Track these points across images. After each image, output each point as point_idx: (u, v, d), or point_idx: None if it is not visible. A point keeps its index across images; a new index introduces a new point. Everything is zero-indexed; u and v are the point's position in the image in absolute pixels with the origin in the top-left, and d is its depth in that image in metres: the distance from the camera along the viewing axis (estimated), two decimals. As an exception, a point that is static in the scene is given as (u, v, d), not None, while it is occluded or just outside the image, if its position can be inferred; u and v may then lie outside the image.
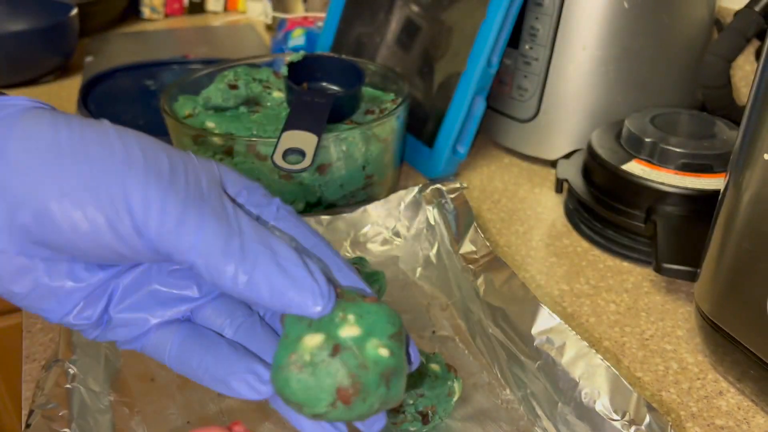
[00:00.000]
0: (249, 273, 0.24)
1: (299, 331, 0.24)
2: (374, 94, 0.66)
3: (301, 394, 0.23)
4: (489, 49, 0.64)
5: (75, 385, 0.38)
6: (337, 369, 0.23)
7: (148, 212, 0.24)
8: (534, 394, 0.41)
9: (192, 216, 0.24)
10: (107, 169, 0.24)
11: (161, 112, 0.59)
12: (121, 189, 0.24)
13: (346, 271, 0.27)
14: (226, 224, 0.24)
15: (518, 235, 0.61)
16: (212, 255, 0.24)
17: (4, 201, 0.24)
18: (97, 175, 0.24)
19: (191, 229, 0.24)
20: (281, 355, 0.24)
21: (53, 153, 0.24)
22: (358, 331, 0.24)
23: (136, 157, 0.25)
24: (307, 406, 0.24)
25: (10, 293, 0.26)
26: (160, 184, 0.24)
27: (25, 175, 0.24)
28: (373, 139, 0.57)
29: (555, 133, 0.70)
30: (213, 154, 0.55)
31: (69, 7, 1.00)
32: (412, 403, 0.39)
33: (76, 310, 0.27)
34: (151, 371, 0.44)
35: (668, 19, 0.66)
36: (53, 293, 0.26)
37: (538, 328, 0.41)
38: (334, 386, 0.23)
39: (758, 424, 0.42)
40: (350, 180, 0.58)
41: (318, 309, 0.24)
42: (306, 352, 0.23)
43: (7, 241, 0.25)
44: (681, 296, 0.53)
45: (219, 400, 0.41)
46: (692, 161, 0.55)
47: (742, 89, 0.78)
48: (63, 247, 0.25)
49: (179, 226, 0.24)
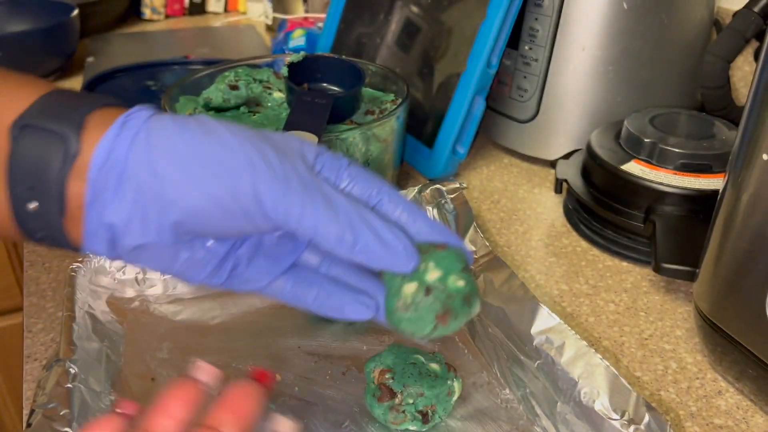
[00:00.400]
0: (351, 242, 0.30)
1: (398, 283, 0.32)
2: (374, 94, 0.66)
3: (411, 326, 0.32)
4: (489, 50, 0.64)
5: (76, 385, 0.38)
6: (431, 303, 0.32)
7: (276, 203, 0.29)
8: (533, 393, 0.41)
9: (307, 202, 0.30)
10: (235, 169, 0.29)
11: (162, 112, 0.59)
12: (250, 187, 0.29)
13: (417, 216, 0.33)
14: (329, 203, 0.30)
15: (518, 235, 0.61)
16: (323, 229, 0.30)
17: (157, 205, 0.30)
18: (229, 176, 0.29)
19: (308, 211, 0.30)
20: (390, 302, 0.32)
21: (190, 161, 0.30)
22: (439, 273, 0.32)
23: (254, 157, 0.30)
24: (416, 333, 0.32)
25: (164, 269, 0.33)
26: (279, 181, 0.30)
27: (173, 183, 0.29)
28: (373, 140, 0.58)
29: (554, 133, 0.70)
30: None
31: (70, 8, 1.00)
32: (412, 402, 0.39)
33: (211, 274, 0.33)
34: (152, 371, 0.44)
35: (667, 19, 0.66)
36: (194, 264, 0.33)
37: (538, 327, 0.41)
38: (433, 315, 0.32)
39: (757, 423, 0.42)
40: None
41: (409, 268, 0.31)
42: (408, 297, 0.32)
43: (160, 236, 0.31)
44: (680, 296, 0.53)
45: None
46: (691, 161, 0.55)
47: (741, 90, 0.78)
48: (202, 231, 0.31)
49: (298, 209, 0.30)
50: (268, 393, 0.31)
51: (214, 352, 0.46)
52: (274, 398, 0.42)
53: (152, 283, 0.51)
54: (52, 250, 0.59)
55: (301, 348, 0.46)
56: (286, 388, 0.43)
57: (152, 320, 0.48)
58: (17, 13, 1.07)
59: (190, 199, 0.29)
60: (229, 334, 0.48)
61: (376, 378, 0.40)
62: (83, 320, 0.44)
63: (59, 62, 1.00)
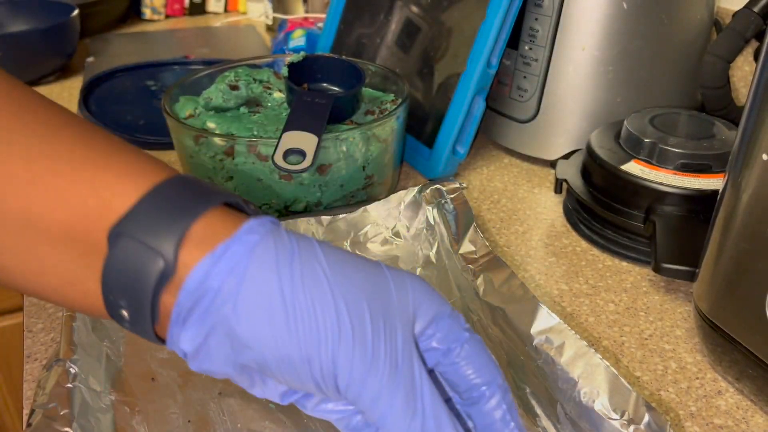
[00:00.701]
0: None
1: None
2: (374, 94, 0.67)
3: None
4: (488, 50, 0.64)
5: (76, 385, 0.38)
6: None
7: (351, 383, 0.28)
8: (533, 393, 0.41)
9: (385, 392, 0.28)
10: (319, 338, 0.27)
11: (162, 112, 0.59)
12: (329, 360, 0.27)
13: (508, 417, 0.31)
14: (412, 401, 0.28)
15: (517, 234, 0.61)
16: (391, 424, 0.28)
17: (230, 340, 0.28)
18: (310, 343, 0.27)
19: (383, 403, 0.28)
20: None
21: (276, 314, 0.27)
22: None
23: (344, 326, 0.28)
24: None
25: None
26: (365, 359, 0.28)
27: (251, 328, 0.27)
28: (373, 140, 0.58)
29: (554, 133, 0.70)
30: (214, 154, 0.55)
31: (70, 8, 1.01)
32: (411, 402, 0.39)
33: (281, 397, 0.32)
34: (152, 371, 0.44)
35: (667, 19, 0.66)
36: (266, 391, 0.32)
37: (538, 327, 0.41)
38: None
39: (757, 423, 0.42)
40: (350, 180, 0.58)
41: None
42: None
43: (225, 368, 0.29)
44: (680, 296, 0.53)
45: (219, 399, 0.42)
46: (691, 161, 0.55)
47: (740, 90, 0.78)
48: (271, 376, 0.29)
49: (374, 396, 0.28)
50: None
51: (214, 352, 0.46)
52: (274, 398, 0.42)
53: (152, 283, 0.51)
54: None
55: (301, 348, 0.46)
56: (286, 388, 0.43)
57: (152, 320, 0.49)
58: (17, 13, 1.07)
59: (263, 353, 0.28)
60: (229, 333, 0.48)
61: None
62: (83, 320, 0.44)
63: (59, 62, 1.00)
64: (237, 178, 0.56)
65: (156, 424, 0.40)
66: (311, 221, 0.54)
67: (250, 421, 0.40)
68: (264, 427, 0.40)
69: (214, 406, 0.41)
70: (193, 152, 0.57)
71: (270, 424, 0.40)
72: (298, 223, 0.54)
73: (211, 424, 0.40)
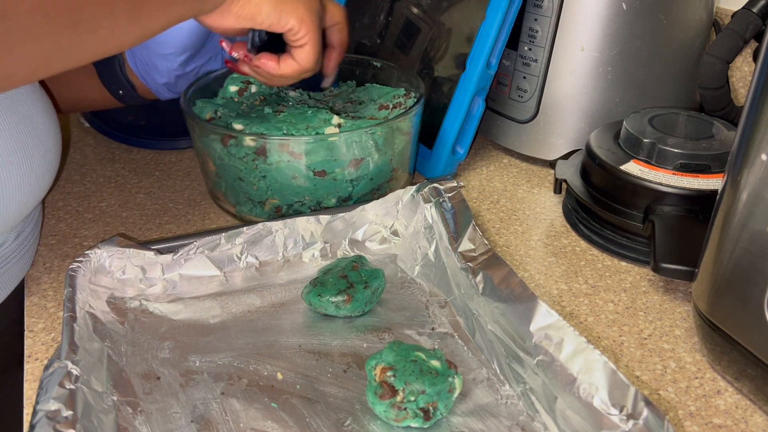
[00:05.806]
0: None
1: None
2: (384, 89, 0.67)
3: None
4: (488, 51, 0.64)
5: (78, 386, 0.38)
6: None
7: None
8: (533, 389, 0.41)
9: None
10: None
11: (185, 117, 0.59)
12: None
13: None
14: None
15: (517, 234, 0.61)
16: None
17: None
18: None
19: None
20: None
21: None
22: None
23: None
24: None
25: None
26: None
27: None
28: (398, 133, 0.59)
29: (554, 133, 0.70)
30: (245, 155, 0.55)
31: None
32: (413, 399, 0.39)
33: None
34: (154, 370, 0.44)
35: (666, 20, 0.66)
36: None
37: (537, 324, 0.41)
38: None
39: (756, 422, 0.42)
40: (379, 174, 0.59)
41: None
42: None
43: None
44: (679, 296, 0.53)
45: (222, 399, 0.42)
46: (690, 162, 0.55)
47: (739, 90, 0.78)
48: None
49: None
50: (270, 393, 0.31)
51: (215, 351, 0.46)
52: (275, 397, 0.42)
53: (152, 283, 0.51)
54: (53, 250, 0.59)
55: (302, 346, 0.46)
56: (288, 387, 0.43)
57: (153, 320, 0.49)
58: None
59: None
60: (230, 333, 0.48)
61: (378, 376, 0.40)
62: (84, 320, 0.44)
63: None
64: (270, 177, 0.56)
65: (158, 424, 0.40)
66: (310, 220, 0.55)
67: (253, 421, 0.40)
68: (266, 426, 0.40)
69: (217, 406, 0.41)
70: (223, 154, 0.57)
71: (272, 423, 0.40)
72: (297, 223, 0.54)
73: (213, 424, 0.40)
